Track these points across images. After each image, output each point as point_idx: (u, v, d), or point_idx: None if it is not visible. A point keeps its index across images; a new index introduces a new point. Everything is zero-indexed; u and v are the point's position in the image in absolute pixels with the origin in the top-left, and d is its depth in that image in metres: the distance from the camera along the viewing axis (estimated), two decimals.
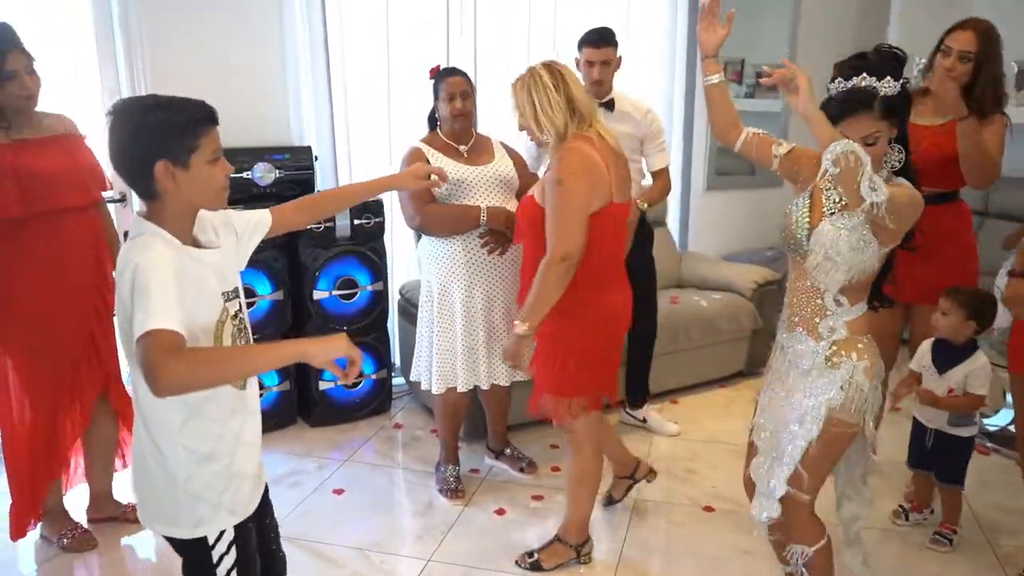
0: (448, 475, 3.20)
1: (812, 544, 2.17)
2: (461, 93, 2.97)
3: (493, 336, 3.00)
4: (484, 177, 2.96)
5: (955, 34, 2.76)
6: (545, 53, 4.27)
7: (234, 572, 1.69)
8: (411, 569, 2.70)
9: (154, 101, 1.58)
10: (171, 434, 1.60)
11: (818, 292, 2.05)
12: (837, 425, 2.04)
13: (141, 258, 1.48)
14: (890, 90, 1.92)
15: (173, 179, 1.53)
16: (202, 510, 1.64)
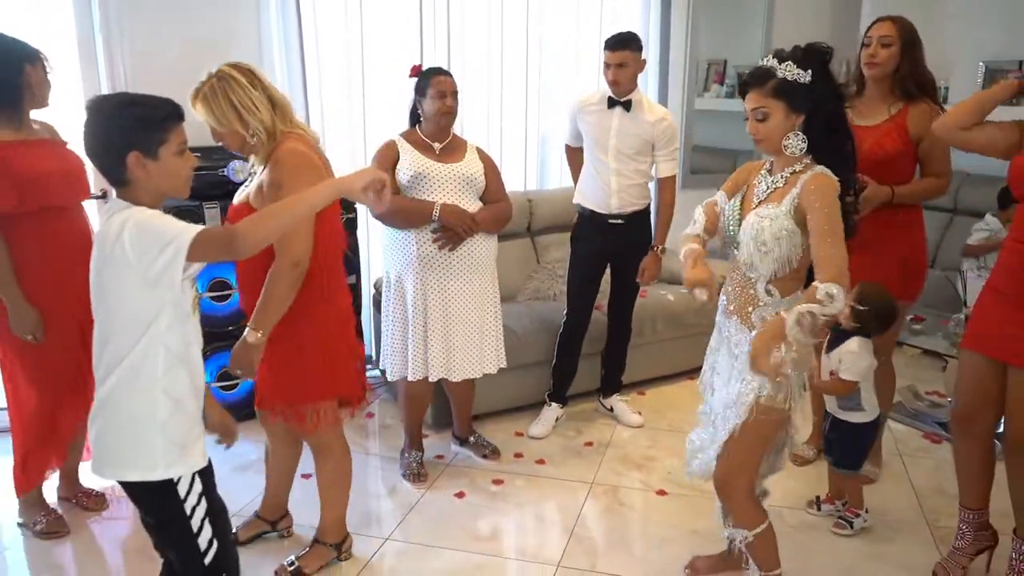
0: (411, 460, 3.32)
1: (751, 528, 2.27)
2: (451, 92, 3.09)
3: (450, 329, 3.11)
4: (448, 174, 3.08)
5: (873, 27, 2.93)
6: (519, 54, 4.45)
7: (207, 520, 1.83)
8: (369, 547, 2.82)
9: (128, 98, 1.77)
10: (155, 380, 1.76)
11: (751, 283, 2.17)
12: (766, 412, 2.15)
13: (130, 215, 1.67)
14: (787, 73, 2.02)
15: (144, 168, 1.70)
16: (173, 452, 1.78)
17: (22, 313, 2.59)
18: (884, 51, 2.85)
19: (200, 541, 1.82)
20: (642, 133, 3.48)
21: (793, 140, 2.09)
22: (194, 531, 1.81)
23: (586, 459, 3.50)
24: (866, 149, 2.86)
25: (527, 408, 3.90)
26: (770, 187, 2.15)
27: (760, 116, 2.07)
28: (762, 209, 2.13)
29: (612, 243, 3.58)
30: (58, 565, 2.75)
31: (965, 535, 2.66)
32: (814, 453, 3.39)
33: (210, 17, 3.76)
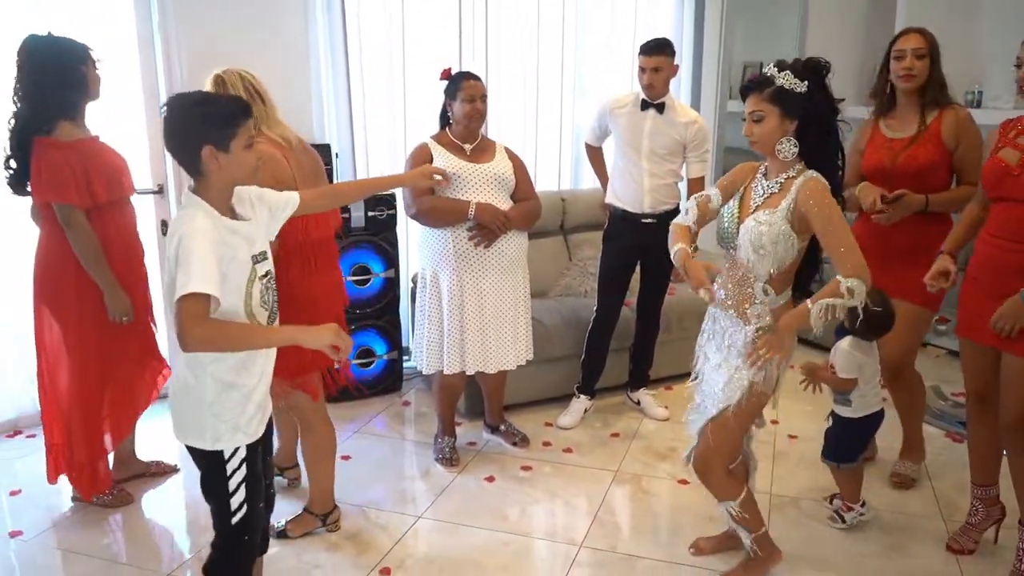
0: (444, 446, 3.49)
1: (734, 499, 2.46)
2: (480, 96, 3.25)
3: (486, 324, 3.27)
4: (480, 174, 3.23)
5: (902, 39, 2.97)
6: (554, 57, 4.59)
7: (243, 486, 2.04)
8: (402, 524, 2.99)
9: (202, 97, 1.99)
10: (203, 366, 1.95)
11: (748, 281, 2.31)
12: (756, 396, 2.34)
13: (185, 229, 1.85)
14: (784, 82, 2.18)
15: (216, 160, 1.88)
16: (221, 428, 1.99)
17: (119, 296, 2.83)
18: (920, 63, 2.88)
19: (232, 502, 2.03)
20: (674, 134, 3.61)
21: (785, 145, 2.24)
22: (229, 492, 2.03)
23: (612, 449, 3.63)
24: (900, 162, 2.94)
25: (556, 400, 4.04)
26: (766, 191, 2.30)
27: (756, 118, 2.23)
28: (760, 214, 2.27)
29: (643, 242, 3.70)
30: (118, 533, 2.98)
31: (978, 511, 2.81)
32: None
33: (260, 19, 3.95)
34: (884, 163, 3.00)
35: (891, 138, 3.00)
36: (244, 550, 2.11)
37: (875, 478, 3.30)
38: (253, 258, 1.98)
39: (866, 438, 3.00)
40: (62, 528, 2.97)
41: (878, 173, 3.03)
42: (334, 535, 2.90)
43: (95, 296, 2.82)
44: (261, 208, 2.09)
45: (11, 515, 3.05)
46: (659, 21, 4.86)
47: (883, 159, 3.00)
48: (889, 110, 3.05)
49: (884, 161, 3.00)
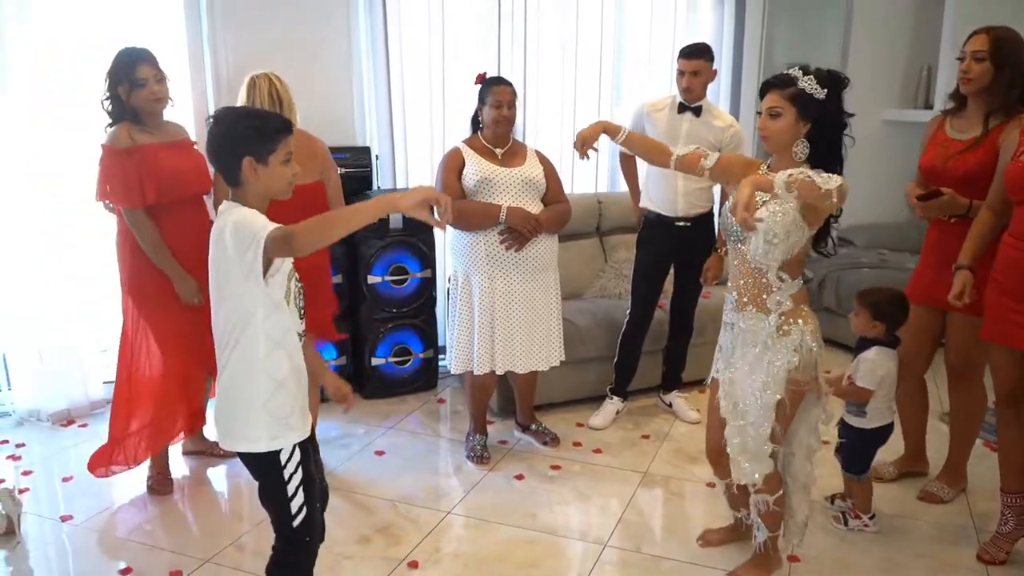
0: (475, 443, 3.57)
1: (774, 493, 2.47)
2: (508, 102, 3.32)
3: (515, 326, 3.33)
4: (511, 178, 3.30)
5: (969, 41, 2.87)
6: (593, 61, 4.63)
7: (301, 489, 2.09)
8: (432, 519, 3.07)
9: (246, 111, 2.11)
10: (257, 362, 2.02)
11: (762, 273, 2.34)
12: (795, 384, 2.36)
13: (236, 215, 1.94)
14: (807, 86, 2.22)
15: (255, 172, 1.97)
16: (276, 427, 2.05)
17: (185, 283, 3.03)
18: (977, 66, 2.78)
19: (292, 505, 2.07)
20: (710, 138, 3.61)
21: (800, 147, 2.29)
22: (288, 496, 2.07)
23: (642, 450, 3.66)
24: (951, 165, 2.90)
25: (588, 400, 4.09)
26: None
27: (773, 114, 2.27)
28: (771, 205, 2.26)
29: (677, 245, 3.72)
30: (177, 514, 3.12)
31: (1009, 520, 2.78)
32: (892, 473, 3.36)
33: (305, 26, 4.09)
34: (936, 163, 2.96)
35: (952, 138, 2.95)
36: (307, 552, 2.16)
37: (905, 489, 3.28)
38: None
39: (875, 449, 2.99)
40: (110, 514, 3.12)
41: (930, 172, 3.00)
42: (366, 529, 2.98)
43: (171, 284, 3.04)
44: None
45: (63, 500, 3.21)
46: (699, 25, 4.87)
47: (936, 158, 2.97)
48: (959, 111, 2.97)
49: (936, 161, 2.96)
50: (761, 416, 2.39)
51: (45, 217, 3.74)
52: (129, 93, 2.93)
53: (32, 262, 3.75)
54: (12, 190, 3.67)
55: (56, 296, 3.81)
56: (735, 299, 2.44)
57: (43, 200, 3.72)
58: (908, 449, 3.39)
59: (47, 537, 2.96)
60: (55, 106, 3.73)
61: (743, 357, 2.45)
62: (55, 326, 3.83)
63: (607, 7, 4.60)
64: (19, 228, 3.71)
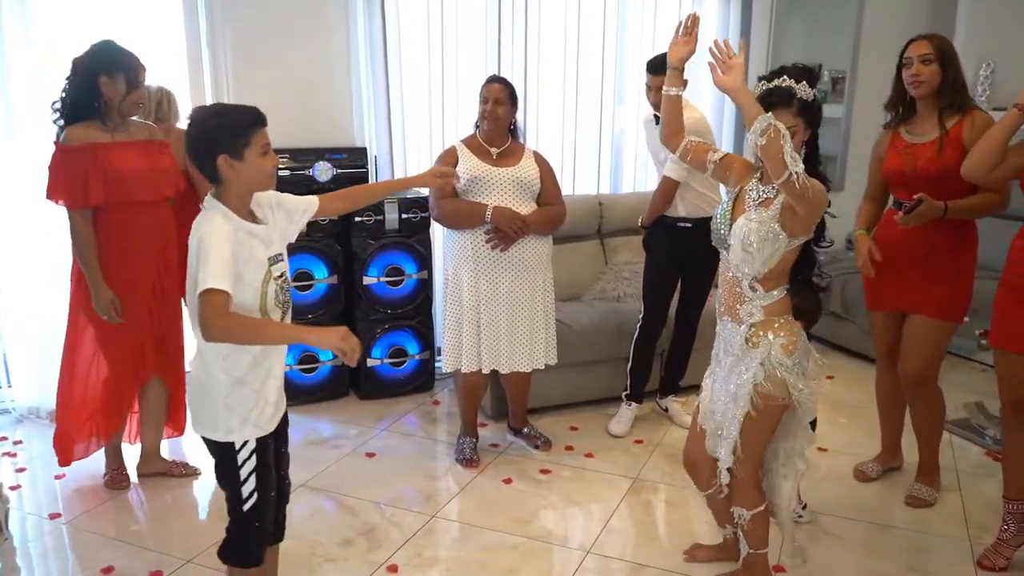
0: (465, 446, 3.54)
1: (750, 508, 2.40)
2: (495, 99, 3.30)
3: (499, 325, 3.31)
4: (503, 178, 3.27)
5: (910, 47, 2.91)
6: (595, 60, 4.59)
7: (253, 475, 2.13)
8: (416, 522, 3.05)
9: (217, 109, 2.10)
10: (218, 361, 2.06)
11: (738, 281, 2.29)
12: (763, 399, 2.28)
13: (205, 230, 1.95)
14: (804, 93, 2.19)
15: (232, 168, 1.99)
16: (232, 421, 2.09)
17: (101, 294, 2.97)
18: (927, 68, 2.84)
19: (244, 490, 2.12)
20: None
21: (801, 151, 2.23)
22: (240, 481, 2.12)
23: (634, 456, 3.62)
24: (920, 166, 2.89)
25: (584, 404, 4.06)
26: (761, 196, 2.27)
27: (793, 134, 2.17)
28: (751, 213, 2.26)
29: (682, 248, 3.65)
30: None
31: (1009, 526, 2.75)
32: (878, 471, 3.36)
33: (303, 25, 4.10)
34: (905, 168, 2.94)
35: (912, 143, 2.94)
36: (256, 537, 2.20)
37: (898, 494, 3.22)
38: (269, 259, 2.08)
39: None
40: (98, 513, 3.13)
41: (899, 177, 2.97)
42: (349, 531, 2.97)
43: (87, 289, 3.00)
44: (279, 212, 2.19)
45: (53, 498, 3.24)
46: (703, 24, 4.78)
47: (904, 164, 2.94)
48: (908, 117, 2.99)
49: (905, 166, 2.94)
50: (731, 428, 2.35)
51: (44, 215, 3.75)
52: (120, 89, 2.88)
53: (32, 260, 3.79)
54: (12, 189, 3.71)
55: (56, 293, 3.83)
56: (718, 308, 2.40)
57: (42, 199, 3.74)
58: (885, 444, 3.39)
59: (34, 534, 2.99)
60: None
61: (721, 365, 2.42)
62: (55, 323, 3.85)
63: (609, 7, 4.55)
64: (19, 226, 3.75)
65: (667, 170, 3.55)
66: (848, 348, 4.87)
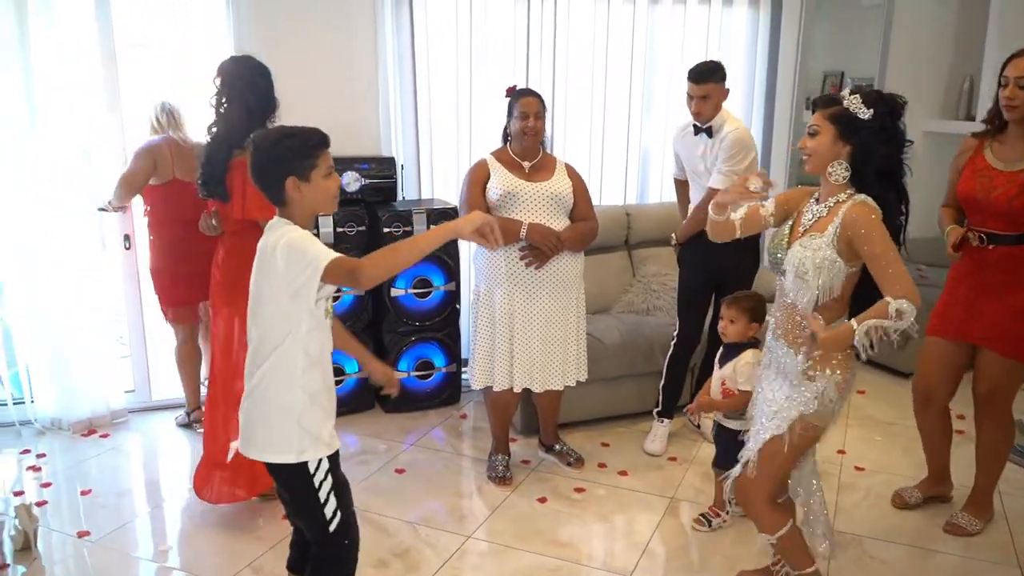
0: (497, 463, 3.48)
1: (773, 533, 2.36)
2: (534, 113, 3.23)
3: (533, 344, 3.25)
4: (537, 193, 3.21)
5: (1010, 64, 2.72)
6: (623, 69, 4.53)
7: (332, 493, 2.09)
8: (452, 543, 2.99)
9: (284, 131, 2.07)
10: (295, 377, 2.02)
11: (796, 309, 2.22)
12: (805, 428, 2.24)
13: (286, 232, 1.95)
14: (852, 106, 2.12)
15: (299, 190, 1.99)
16: (307, 440, 2.05)
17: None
18: (1022, 93, 2.66)
19: (326, 511, 2.07)
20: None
21: (836, 168, 2.18)
22: (321, 503, 2.07)
23: (669, 473, 3.56)
24: (993, 197, 2.76)
25: (613, 419, 4.00)
26: (815, 216, 2.23)
27: (812, 131, 2.19)
28: (805, 239, 2.21)
29: (718, 263, 3.56)
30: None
31: None
32: (918, 499, 3.25)
33: (331, 35, 4.05)
34: (977, 193, 2.81)
35: (993, 167, 2.79)
36: (348, 554, 2.17)
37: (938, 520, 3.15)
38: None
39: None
40: (127, 531, 3.08)
41: (969, 202, 2.86)
42: (384, 552, 2.91)
43: None
44: None
45: (81, 515, 3.18)
46: (732, 33, 4.73)
47: (976, 188, 2.81)
48: (998, 134, 2.82)
49: (977, 191, 2.81)
50: (755, 441, 2.34)
51: (66, 224, 3.72)
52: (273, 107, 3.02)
53: (53, 269, 3.74)
54: (34, 198, 3.67)
55: (78, 303, 3.79)
56: (773, 326, 2.35)
57: (64, 207, 3.71)
58: (932, 472, 3.27)
59: (63, 553, 2.93)
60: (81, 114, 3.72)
61: (768, 381, 2.37)
62: (77, 334, 3.81)
63: (639, 17, 4.48)
64: (40, 236, 3.70)
65: (713, 181, 3.48)
66: (875, 361, 4.80)
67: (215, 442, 3.10)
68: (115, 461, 3.66)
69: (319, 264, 1.88)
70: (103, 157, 3.88)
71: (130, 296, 4.08)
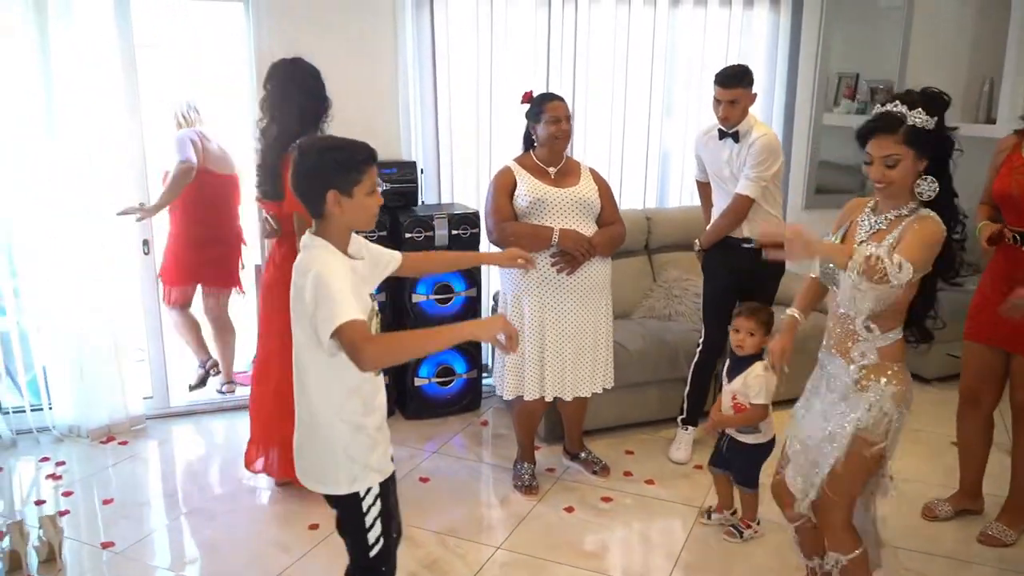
0: (523, 472, 3.44)
1: (846, 553, 2.31)
2: (565, 117, 3.19)
3: (565, 352, 3.20)
4: (565, 199, 3.17)
5: None
6: (643, 73, 4.49)
7: (379, 521, 2.04)
8: (482, 555, 2.95)
9: (332, 143, 1.98)
10: (334, 410, 1.96)
11: (850, 318, 2.18)
12: (863, 445, 2.18)
13: (319, 266, 1.85)
14: (919, 120, 2.04)
15: (339, 205, 1.90)
16: (355, 470, 1.99)
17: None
18: None
19: (369, 537, 2.03)
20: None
21: (925, 185, 2.10)
22: (366, 527, 2.03)
23: (695, 482, 3.52)
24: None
25: (637, 426, 3.96)
26: (873, 227, 2.17)
27: (891, 163, 2.08)
28: (863, 248, 2.11)
29: (744, 269, 3.52)
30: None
31: None
32: (949, 512, 3.22)
33: (352, 40, 3.99)
34: (1013, 191, 2.79)
35: None
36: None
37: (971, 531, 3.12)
38: (371, 295, 2.01)
39: (765, 461, 3.01)
40: (151, 542, 3.04)
41: (1005, 200, 2.84)
42: (413, 564, 2.87)
43: None
44: (368, 257, 2.09)
45: (103, 525, 3.14)
46: (753, 34, 4.69)
47: (1012, 186, 2.79)
48: None
49: (1014, 188, 2.78)
50: (822, 467, 2.26)
51: (85, 228, 3.68)
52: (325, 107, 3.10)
53: (71, 273, 3.70)
54: (51, 202, 3.62)
55: (96, 307, 3.75)
56: (825, 338, 2.30)
57: (82, 211, 3.66)
58: (965, 486, 3.22)
59: (88, 565, 2.90)
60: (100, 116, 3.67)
61: (820, 398, 2.32)
62: (95, 339, 3.77)
63: (659, 20, 4.44)
64: (58, 240, 3.66)
65: (742, 188, 3.42)
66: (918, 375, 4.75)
67: (258, 420, 3.26)
68: (135, 469, 3.62)
69: (331, 324, 1.78)
70: (122, 160, 3.82)
71: (148, 301, 4.03)
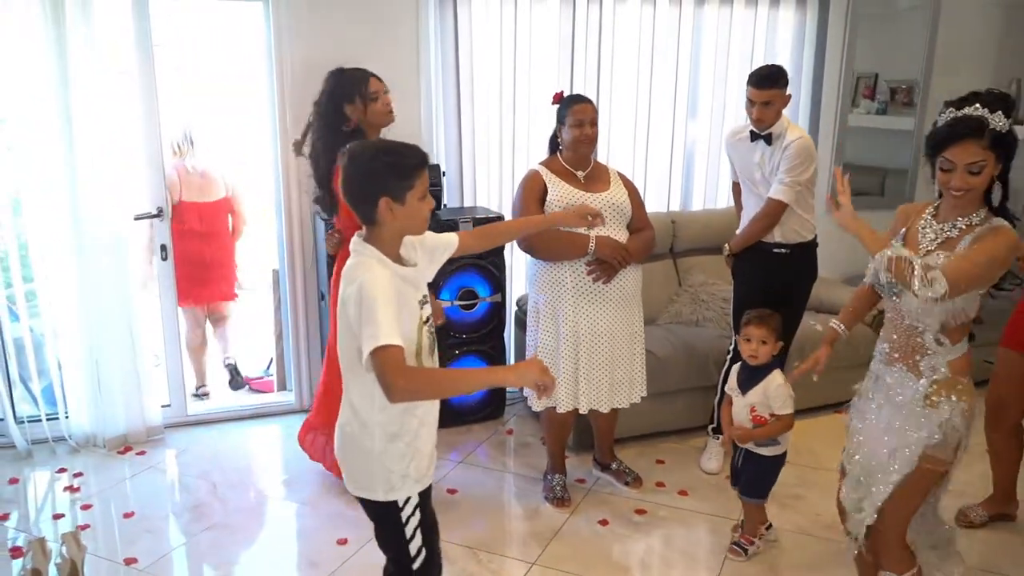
0: (555, 484, 3.36)
1: (901, 573, 2.23)
2: (590, 120, 3.10)
3: (599, 363, 3.12)
4: (599, 205, 3.06)
5: None
6: (668, 73, 4.41)
7: (419, 531, 1.99)
8: (516, 570, 2.87)
9: (383, 147, 1.93)
10: (372, 418, 1.91)
11: (917, 331, 2.10)
12: (931, 463, 2.11)
13: (365, 278, 1.80)
14: (999, 125, 1.96)
15: (391, 212, 1.84)
16: (393, 478, 1.94)
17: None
18: None
19: (411, 548, 1.99)
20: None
21: (997, 190, 2.04)
22: (407, 539, 1.98)
23: (728, 493, 3.38)
24: None
25: (668, 434, 3.89)
26: (939, 235, 2.08)
27: (976, 170, 1.97)
28: (932, 258, 2.04)
29: (776, 275, 3.43)
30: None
31: None
32: (983, 517, 3.15)
33: (374, 41, 3.89)
34: None
35: None
36: None
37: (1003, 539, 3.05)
38: (419, 302, 1.94)
39: (778, 472, 2.94)
40: (175, 559, 2.96)
41: None
42: None
43: None
44: (421, 251, 2.04)
45: (125, 540, 3.06)
46: (778, 35, 4.61)
47: None
48: None
49: None
50: (884, 485, 2.18)
51: (100, 233, 3.59)
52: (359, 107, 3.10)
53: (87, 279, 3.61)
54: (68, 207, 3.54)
55: (112, 314, 3.66)
56: (885, 351, 2.22)
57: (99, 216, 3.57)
58: (998, 492, 3.16)
59: None
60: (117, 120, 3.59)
61: (879, 413, 2.23)
62: (111, 346, 3.69)
63: (684, 20, 4.36)
64: (74, 245, 3.57)
65: (775, 192, 3.32)
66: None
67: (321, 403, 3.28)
68: (155, 480, 3.54)
69: (370, 345, 1.74)
70: (139, 163, 3.74)
71: (166, 308, 3.95)
